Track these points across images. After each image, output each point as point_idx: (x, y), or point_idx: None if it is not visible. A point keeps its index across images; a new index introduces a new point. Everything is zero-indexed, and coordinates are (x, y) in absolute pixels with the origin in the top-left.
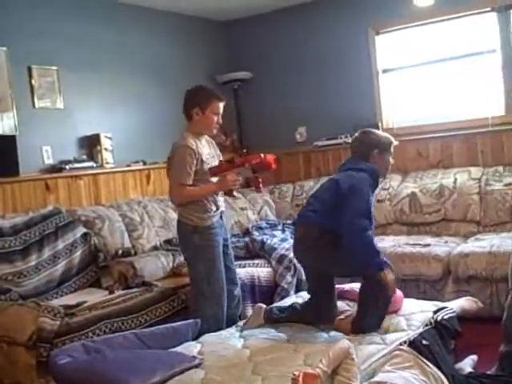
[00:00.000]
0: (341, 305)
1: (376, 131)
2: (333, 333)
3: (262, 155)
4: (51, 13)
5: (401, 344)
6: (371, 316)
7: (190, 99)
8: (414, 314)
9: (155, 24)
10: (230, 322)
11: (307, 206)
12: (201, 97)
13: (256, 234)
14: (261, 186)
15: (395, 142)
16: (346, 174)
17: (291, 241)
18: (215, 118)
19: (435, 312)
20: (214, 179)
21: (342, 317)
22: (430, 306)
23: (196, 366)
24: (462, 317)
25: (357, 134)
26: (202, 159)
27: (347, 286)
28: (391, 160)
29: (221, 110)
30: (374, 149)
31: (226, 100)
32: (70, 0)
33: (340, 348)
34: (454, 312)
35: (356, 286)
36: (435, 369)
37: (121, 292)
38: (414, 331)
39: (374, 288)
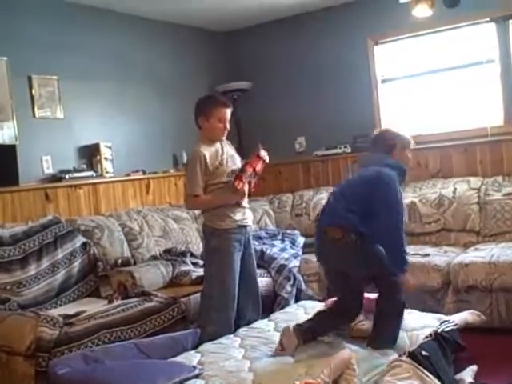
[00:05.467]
0: None
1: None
2: (334, 343)
3: (261, 160)
4: (51, 23)
5: (400, 355)
6: (387, 331)
7: (196, 109)
8: (417, 330)
9: (155, 34)
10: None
11: (334, 204)
12: (205, 105)
13: (255, 244)
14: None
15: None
16: (373, 170)
17: (291, 251)
18: (220, 125)
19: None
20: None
21: (364, 323)
22: (432, 321)
23: (196, 376)
24: (463, 328)
25: (376, 132)
26: (218, 163)
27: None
28: (410, 156)
29: (226, 116)
30: (396, 145)
31: (230, 106)
32: (70, 10)
33: (341, 359)
34: (455, 325)
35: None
36: (435, 379)
37: (120, 301)
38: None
39: (388, 300)
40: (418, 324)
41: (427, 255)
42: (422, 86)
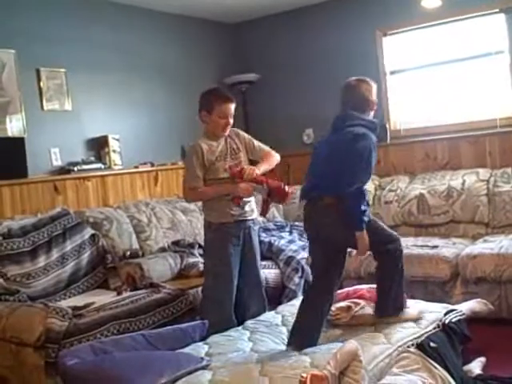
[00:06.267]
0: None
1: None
2: (338, 334)
3: (282, 184)
4: (59, 15)
5: (408, 346)
6: (392, 295)
7: (199, 102)
8: (423, 312)
9: (163, 26)
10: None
11: (324, 173)
12: (207, 100)
13: (263, 236)
14: (268, 211)
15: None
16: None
17: (299, 242)
18: (221, 121)
19: (444, 314)
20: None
21: (365, 309)
22: (439, 308)
23: (203, 368)
24: (471, 319)
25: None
26: (214, 158)
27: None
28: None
29: (229, 111)
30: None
31: (233, 100)
32: (78, 2)
33: (347, 350)
34: (463, 315)
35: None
36: (443, 371)
37: (128, 293)
38: (422, 330)
39: (389, 264)
40: (424, 309)
41: (436, 247)
42: (431, 78)
